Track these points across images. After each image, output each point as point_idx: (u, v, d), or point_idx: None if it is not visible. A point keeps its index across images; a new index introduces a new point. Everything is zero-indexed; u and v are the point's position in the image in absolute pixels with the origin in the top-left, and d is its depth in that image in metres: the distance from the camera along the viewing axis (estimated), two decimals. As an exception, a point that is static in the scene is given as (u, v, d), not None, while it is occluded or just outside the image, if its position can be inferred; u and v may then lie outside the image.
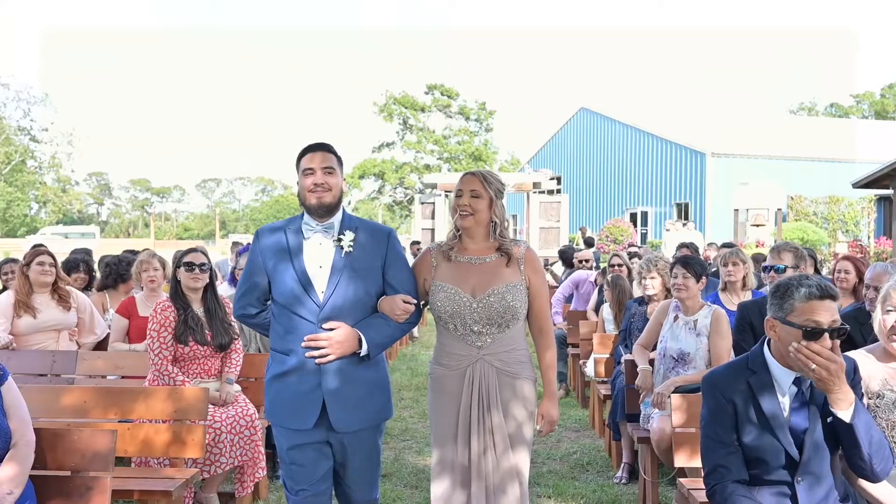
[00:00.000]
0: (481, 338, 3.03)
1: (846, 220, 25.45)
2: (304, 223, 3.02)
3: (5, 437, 2.87)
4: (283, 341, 2.96)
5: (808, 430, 2.57)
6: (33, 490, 2.91)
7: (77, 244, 11.50)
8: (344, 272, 2.94)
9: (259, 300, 3.09)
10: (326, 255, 2.97)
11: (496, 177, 3.16)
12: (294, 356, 2.92)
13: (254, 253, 3.06)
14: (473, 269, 3.08)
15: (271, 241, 3.02)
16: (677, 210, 27.86)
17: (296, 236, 3.01)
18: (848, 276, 5.25)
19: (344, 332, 2.88)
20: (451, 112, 51.23)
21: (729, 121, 32.77)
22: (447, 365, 3.09)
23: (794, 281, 2.58)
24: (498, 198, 3.11)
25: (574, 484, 4.95)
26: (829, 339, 2.48)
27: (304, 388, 2.91)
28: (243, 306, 3.10)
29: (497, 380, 3.03)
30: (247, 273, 3.08)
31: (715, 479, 2.65)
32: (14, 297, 5.14)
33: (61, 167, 63.71)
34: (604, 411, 5.92)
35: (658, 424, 4.32)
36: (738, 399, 2.64)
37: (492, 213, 3.09)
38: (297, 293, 2.91)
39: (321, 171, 2.96)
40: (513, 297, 3.02)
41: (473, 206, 3.07)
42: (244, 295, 3.09)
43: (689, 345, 4.55)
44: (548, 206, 16.47)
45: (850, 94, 70.91)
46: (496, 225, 3.10)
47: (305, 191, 2.98)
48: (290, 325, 2.93)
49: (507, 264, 3.08)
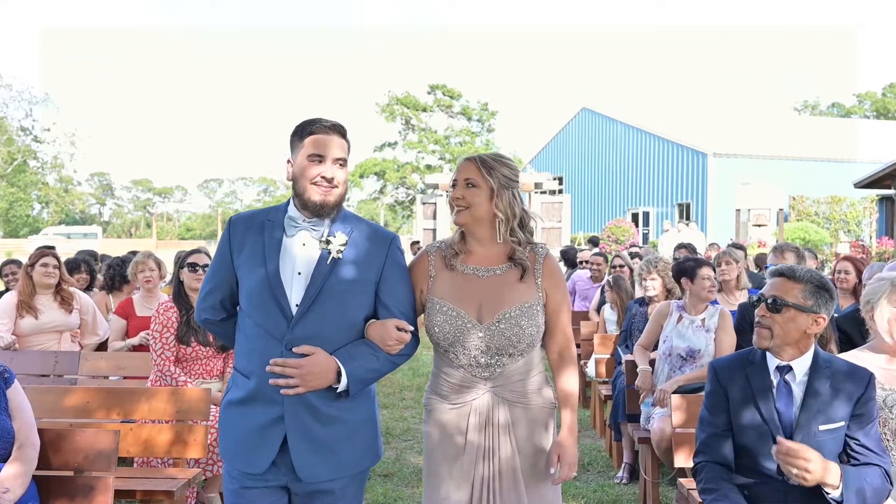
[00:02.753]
0: (489, 369, 2.47)
1: (848, 220, 25.43)
2: (289, 217, 2.43)
3: (9, 438, 2.90)
4: (245, 359, 2.39)
5: (799, 425, 2.61)
6: (36, 490, 2.93)
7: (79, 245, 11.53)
8: (327, 283, 2.34)
9: (224, 304, 2.50)
10: (308, 260, 2.38)
11: (503, 162, 2.54)
12: (254, 379, 2.34)
13: (223, 244, 2.49)
14: (480, 284, 2.49)
15: (246, 234, 2.45)
16: (679, 210, 27.86)
17: (276, 231, 2.42)
18: (848, 277, 5.27)
19: (319, 360, 2.29)
20: (453, 112, 51.27)
21: (730, 121, 32.77)
22: (446, 397, 2.52)
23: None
24: (505, 188, 2.50)
25: (575, 484, 4.96)
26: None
27: (262, 422, 2.32)
28: (205, 308, 2.52)
29: (509, 414, 2.49)
30: (213, 269, 2.51)
31: (699, 458, 2.76)
32: (17, 297, 5.17)
33: (63, 167, 63.90)
34: (605, 411, 5.93)
35: (658, 425, 4.34)
36: (734, 388, 2.71)
37: (493, 206, 2.49)
38: (265, 303, 2.33)
39: (332, 163, 2.38)
40: (529, 321, 2.45)
41: (468, 198, 2.50)
42: (208, 295, 2.51)
43: (699, 342, 4.61)
44: (550, 206, 16.49)
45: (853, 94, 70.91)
46: (503, 222, 2.50)
47: (307, 181, 2.37)
48: (253, 341, 2.36)
49: (521, 277, 2.49)
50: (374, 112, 51.10)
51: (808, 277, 2.66)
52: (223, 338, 2.62)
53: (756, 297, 2.73)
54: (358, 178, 52.93)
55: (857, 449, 2.62)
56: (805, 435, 2.59)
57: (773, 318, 2.64)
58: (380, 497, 4.66)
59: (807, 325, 2.63)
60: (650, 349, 4.95)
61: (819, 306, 2.64)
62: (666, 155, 28.92)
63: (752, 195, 21.64)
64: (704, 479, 2.69)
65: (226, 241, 2.48)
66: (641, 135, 30.29)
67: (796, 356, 2.67)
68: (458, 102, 51.25)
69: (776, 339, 2.65)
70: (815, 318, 2.63)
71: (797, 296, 2.63)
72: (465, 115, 51.42)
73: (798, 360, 2.67)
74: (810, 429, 2.60)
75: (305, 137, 2.40)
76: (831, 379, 2.65)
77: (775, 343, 2.65)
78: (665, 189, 28.95)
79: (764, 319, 2.66)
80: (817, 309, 2.63)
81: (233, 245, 2.46)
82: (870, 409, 2.67)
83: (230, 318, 2.52)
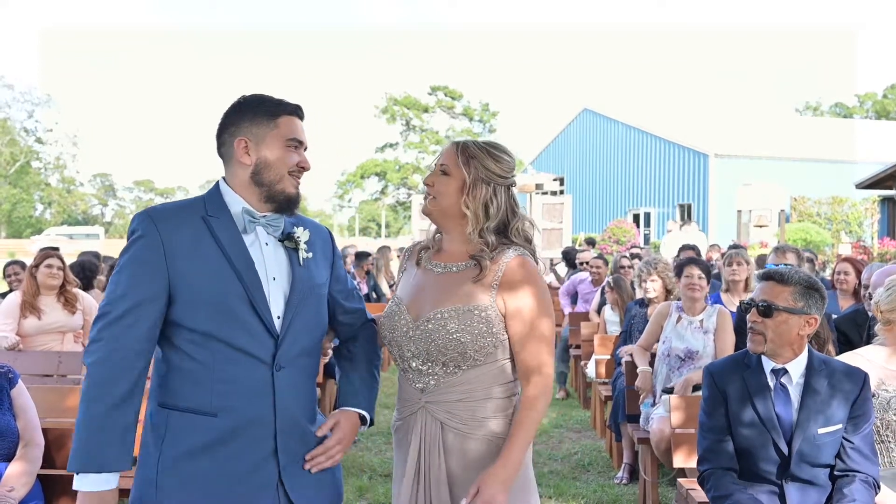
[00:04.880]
0: (422, 378, 2.12)
1: (849, 220, 25.43)
2: (246, 211, 2.01)
3: (14, 438, 2.93)
4: (207, 392, 1.90)
5: (798, 428, 2.63)
6: (41, 489, 2.97)
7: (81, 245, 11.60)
8: (304, 288, 2.04)
9: (150, 333, 1.90)
10: (278, 262, 2.03)
11: (491, 153, 2.16)
12: (229, 416, 1.91)
13: (149, 246, 1.91)
14: (432, 281, 2.18)
15: (180, 231, 1.93)
16: (680, 211, 27.88)
17: (227, 228, 1.97)
18: (848, 278, 5.29)
19: (345, 426, 2.08)
20: (454, 113, 51.36)
21: (732, 122, 32.79)
22: (399, 409, 2.23)
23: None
24: (483, 182, 2.13)
25: (575, 484, 4.99)
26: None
27: (249, 463, 1.93)
28: (137, 339, 1.87)
29: (441, 440, 2.09)
30: (132, 279, 1.89)
31: (704, 466, 2.75)
32: (21, 297, 5.20)
33: (66, 168, 64.09)
34: (605, 412, 5.96)
35: (657, 425, 4.36)
36: (732, 390, 2.72)
37: (462, 201, 2.13)
38: (240, 318, 1.91)
39: (303, 150, 2.07)
40: (460, 326, 2.05)
41: (437, 186, 2.16)
42: (131, 315, 1.87)
43: (697, 343, 4.63)
44: (551, 207, 16.51)
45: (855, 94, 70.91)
46: (472, 221, 2.13)
47: (285, 169, 2.02)
48: (222, 368, 1.89)
49: (475, 278, 2.11)
50: (375, 114, 51.21)
51: (797, 279, 2.67)
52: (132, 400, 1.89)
53: (747, 302, 2.74)
54: (359, 179, 53.00)
55: (850, 453, 2.64)
56: (805, 437, 2.61)
57: (765, 323, 2.65)
58: (381, 497, 4.68)
59: (799, 326, 2.65)
60: (650, 350, 4.97)
61: (810, 307, 2.65)
62: (667, 156, 28.94)
63: (754, 196, 21.67)
64: (714, 486, 2.67)
65: (154, 242, 1.91)
66: (642, 135, 30.31)
67: (791, 359, 2.69)
68: (460, 103, 51.33)
69: (770, 344, 2.66)
70: (806, 320, 2.65)
71: (787, 298, 2.64)
72: (467, 116, 51.55)
73: (793, 362, 2.69)
74: (809, 431, 2.61)
75: (279, 117, 2.03)
76: (828, 380, 2.67)
77: (770, 348, 2.67)
78: (666, 190, 28.97)
79: (756, 325, 2.67)
80: (808, 310, 2.65)
81: (166, 246, 1.91)
82: (866, 410, 2.69)
83: (146, 364, 1.92)
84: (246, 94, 2.08)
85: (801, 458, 2.60)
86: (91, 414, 1.86)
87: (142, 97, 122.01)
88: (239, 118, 2.03)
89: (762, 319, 2.66)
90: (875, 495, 2.63)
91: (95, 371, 1.87)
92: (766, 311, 2.65)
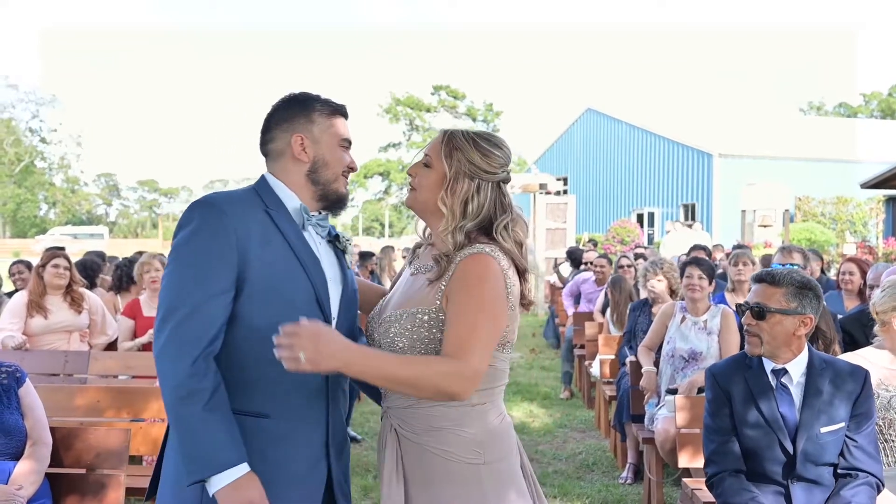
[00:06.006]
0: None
1: (854, 220, 25.36)
2: (302, 208, 1.95)
3: (22, 437, 2.95)
4: (259, 393, 1.85)
5: (802, 427, 2.63)
6: (49, 487, 2.98)
7: (86, 245, 11.63)
8: (351, 293, 2.03)
9: (222, 329, 1.80)
10: (331, 263, 2.00)
11: (479, 144, 1.96)
12: (283, 418, 1.86)
13: (212, 239, 1.79)
14: (404, 282, 2.07)
15: (249, 222, 1.84)
16: (684, 211, 27.85)
17: (289, 223, 1.91)
18: (853, 278, 5.29)
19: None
20: (457, 113, 51.37)
21: (736, 122, 32.72)
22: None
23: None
24: (467, 177, 1.93)
25: (579, 484, 4.99)
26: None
27: (303, 466, 1.90)
28: (198, 348, 1.75)
29: (398, 446, 1.93)
30: (196, 279, 1.77)
31: (712, 469, 2.75)
32: (27, 297, 5.22)
33: (70, 168, 64.27)
34: (609, 412, 5.96)
35: (662, 425, 4.36)
36: (735, 392, 2.72)
37: (440, 196, 1.95)
38: (308, 317, 1.75)
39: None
40: (399, 329, 1.90)
41: (419, 178, 2.01)
42: (205, 324, 1.76)
43: (701, 344, 4.62)
44: (554, 207, 16.49)
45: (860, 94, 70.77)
46: (450, 219, 1.94)
47: (340, 167, 1.98)
48: (278, 366, 1.69)
49: (431, 280, 1.94)
50: (378, 113, 51.26)
51: (789, 280, 2.67)
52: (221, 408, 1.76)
53: (741, 305, 2.75)
54: (363, 179, 53.01)
55: (854, 451, 2.64)
56: (808, 437, 2.62)
57: (760, 326, 2.66)
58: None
59: (794, 327, 2.65)
60: (654, 350, 4.97)
61: (804, 307, 2.65)
62: (671, 156, 28.90)
63: (758, 196, 21.62)
64: (725, 492, 2.67)
65: (222, 232, 1.79)
66: (646, 135, 30.27)
67: (790, 359, 2.69)
68: (463, 103, 51.35)
69: (766, 346, 2.67)
70: (801, 319, 2.65)
71: (780, 300, 2.64)
72: (470, 116, 51.54)
73: (793, 362, 2.70)
74: (813, 430, 2.62)
75: (336, 117, 1.99)
76: (830, 379, 2.67)
77: (767, 349, 2.67)
78: (670, 190, 28.93)
79: (751, 327, 2.68)
80: (802, 310, 2.65)
81: (237, 236, 1.80)
82: (868, 407, 2.69)
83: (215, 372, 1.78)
84: (295, 92, 2.04)
85: (805, 457, 2.61)
86: (187, 417, 1.74)
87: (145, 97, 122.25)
88: (293, 115, 1.97)
89: (756, 322, 2.66)
90: (877, 495, 2.63)
91: (175, 372, 1.74)
92: (759, 313, 2.66)
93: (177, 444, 1.79)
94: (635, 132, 30.89)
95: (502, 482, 1.91)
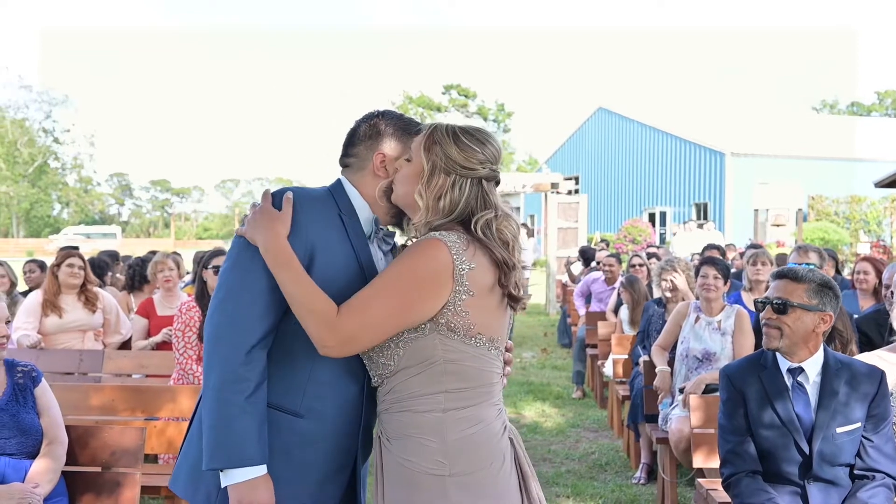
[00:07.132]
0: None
1: (868, 219, 25.17)
2: (375, 220, 2.00)
3: (38, 436, 2.97)
4: (299, 392, 1.86)
5: (817, 427, 2.62)
6: (65, 486, 3.00)
7: (99, 244, 11.71)
8: None
9: (276, 322, 1.83)
10: None
11: (460, 139, 1.87)
12: (317, 421, 1.87)
13: (294, 229, 1.82)
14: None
15: (319, 223, 1.88)
16: (696, 210, 27.72)
17: (358, 232, 1.94)
18: (868, 278, 5.25)
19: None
20: (468, 112, 51.35)
21: (748, 120, 32.54)
22: None
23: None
24: (441, 172, 1.85)
25: (593, 484, 4.97)
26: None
27: (326, 473, 1.91)
28: (261, 344, 1.80)
29: (379, 453, 1.90)
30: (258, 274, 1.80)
31: (728, 470, 2.75)
32: (42, 296, 5.25)
33: (83, 168, 64.76)
34: (622, 412, 5.94)
35: (676, 425, 4.34)
36: (750, 392, 2.73)
37: (417, 190, 1.87)
38: None
39: None
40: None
41: (399, 172, 1.95)
42: (261, 318, 1.80)
43: (715, 344, 4.60)
44: (566, 206, 16.46)
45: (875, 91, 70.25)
46: (423, 212, 1.86)
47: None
48: (322, 370, 1.84)
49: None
50: (390, 112, 51.34)
51: (811, 277, 2.70)
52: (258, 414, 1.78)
53: (762, 300, 2.75)
54: (374, 178, 52.98)
55: (871, 452, 2.63)
56: (824, 437, 2.60)
57: (781, 320, 2.68)
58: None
59: (814, 323, 2.67)
60: (668, 350, 4.95)
61: (824, 304, 2.67)
62: (683, 154, 28.76)
63: (771, 195, 21.49)
64: (743, 492, 2.67)
65: (300, 224, 1.83)
66: (658, 134, 30.14)
67: (807, 357, 2.69)
68: (474, 102, 51.32)
69: (786, 339, 2.68)
70: (821, 317, 2.67)
71: (801, 296, 2.67)
72: (481, 116, 51.51)
73: (809, 360, 2.69)
74: (829, 430, 2.60)
75: (411, 140, 1.97)
76: (846, 379, 2.66)
77: (785, 343, 2.68)
78: (682, 189, 28.80)
79: (772, 321, 2.69)
80: (823, 307, 2.67)
81: (307, 233, 1.83)
82: (885, 408, 2.68)
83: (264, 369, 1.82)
84: (381, 109, 2.07)
85: (821, 458, 2.60)
86: (227, 403, 1.75)
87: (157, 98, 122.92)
88: (380, 132, 2.01)
89: (777, 316, 2.68)
90: (894, 497, 2.61)
91: (229, 355, 1.77)
92: (781, 307, 2.67)
93: (205, 428, 1.79)
94: (647, 131, 30.77)
95: (473, 495, 1.79)
